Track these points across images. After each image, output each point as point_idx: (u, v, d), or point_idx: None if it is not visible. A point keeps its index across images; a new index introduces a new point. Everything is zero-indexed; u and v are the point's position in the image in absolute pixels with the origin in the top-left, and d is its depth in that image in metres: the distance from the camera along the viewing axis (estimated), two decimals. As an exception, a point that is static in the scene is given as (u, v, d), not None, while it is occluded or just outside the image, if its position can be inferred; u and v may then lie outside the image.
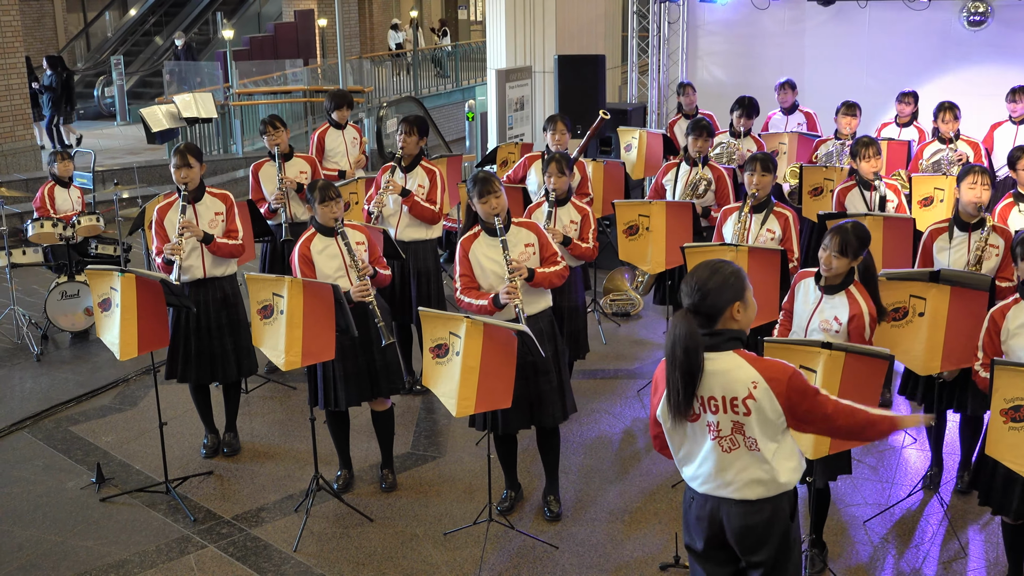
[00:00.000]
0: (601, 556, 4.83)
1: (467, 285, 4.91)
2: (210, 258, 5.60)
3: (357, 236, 5.22)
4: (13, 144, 13.06)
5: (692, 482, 3.29)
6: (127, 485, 5.58)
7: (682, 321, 3.07)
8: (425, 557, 4.85)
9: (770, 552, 3.21)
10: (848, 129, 7.52)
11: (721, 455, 3.17)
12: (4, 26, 12.73)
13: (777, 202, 5.69)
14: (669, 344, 3.09)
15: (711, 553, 3.31)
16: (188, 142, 6.81)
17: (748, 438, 3.14)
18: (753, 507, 3.18)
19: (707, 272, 3.13)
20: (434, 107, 17.89)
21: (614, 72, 11.56)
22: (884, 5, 9.79)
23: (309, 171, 6.91)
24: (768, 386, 3.08)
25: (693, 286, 3.12)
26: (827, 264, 4.36)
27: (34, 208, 7.87)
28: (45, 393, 6.88)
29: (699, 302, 3.10)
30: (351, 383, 5.20)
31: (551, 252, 4.96)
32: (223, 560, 4.85)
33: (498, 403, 4.56)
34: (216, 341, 5.66)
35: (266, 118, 6.89)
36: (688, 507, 3.34)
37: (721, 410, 3.13)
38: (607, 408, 6.48)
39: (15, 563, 4.86)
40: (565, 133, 6.79)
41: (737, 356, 3.12)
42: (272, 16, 23.22)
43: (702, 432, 3.20)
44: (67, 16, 22.99)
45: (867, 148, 6.09)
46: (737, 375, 3.10)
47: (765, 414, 3.10)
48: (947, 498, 5.28)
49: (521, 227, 4.97)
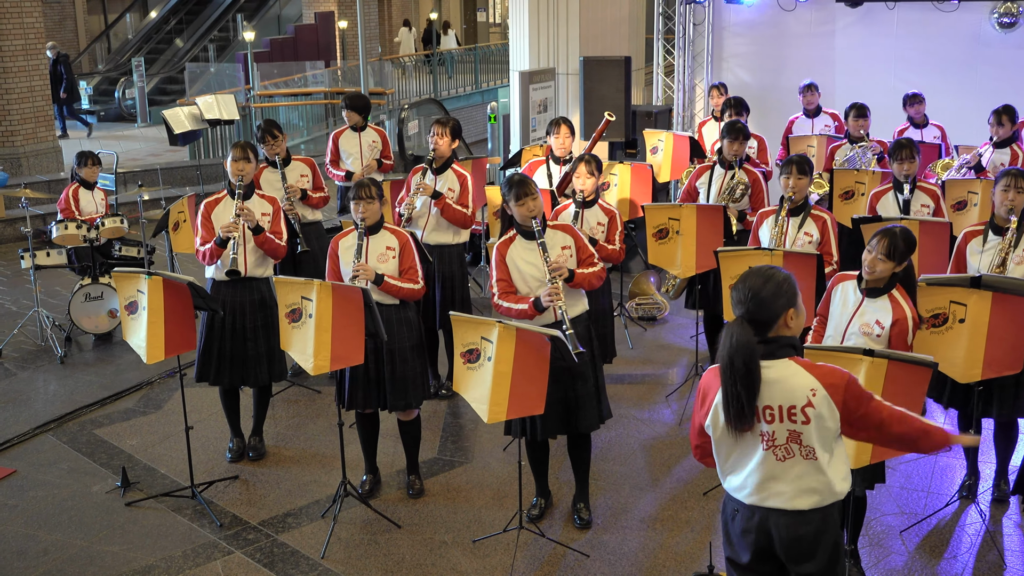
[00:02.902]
0: (633, 565, 4.77)
1: (505, 290, 4.83)
2: (252, 257, 5.58)
3: (390, 240, 5.15)
4: (36, 145, 13.13)
5: (737, 493, 3.22)
6: (152, 489, 5.55)
7: (739, 330, 3.02)
8: (454, 565, 4.80)
9: (821, 562, 3.15)
10: (861, 132, 7.45)
11: (774, 464, 3.11)
12: (27, 28, 12.81)
13: (814, 205, 5.61)
14: (726, 355, 3.02)
15: (757, 567, 3.24)
16: (246, 140, 6.80)
17: (805, 447, 3.08)
18: (804, 517, 3.12)
19: (760, 279, 3.07)
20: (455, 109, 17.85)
21: (638, 74, 11.49)
22: (913, 6, 9.69)
23: (310, 173, 6.81)
24: (827, 393, 3.03)
25: (747, 294, 3.06)
26: (871, 267, 4.28)
27: (59, 210, 7.86)
28: (69, 396, 6.87)
29: (754, 310, 3.05)
30: (358, 387, 5.15)
31: (588, 254, 4.90)
32: (250, 566, 4.81)
33: (531, 409, 4.50)
34: (250, 343, 5.63)
35: (262, 125, 6.79)
36: (731, 520, 3.27)
37: (777, 419, 3.07)
38: (635, 414, 6.40)
39: (41, 568, 4.83)
40: (569, 136, 6.72)
41: (793, 363, 3.07)
42: (292, 18, 23.29)
43: (753, 442, 3.13)
44: (88, 18, 23.14)
45: (900, 151, 6.01)
46: (794, 383, 3.05)
47: (824, 422, 3.05)
48: (986, 508, 5.18)
49: (557, 230, 4.91)
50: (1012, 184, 4.98)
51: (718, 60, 10.76)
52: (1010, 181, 5.00)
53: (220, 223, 5.52)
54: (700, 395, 3.24)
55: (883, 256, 4.24)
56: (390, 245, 5.13)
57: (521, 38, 11.03)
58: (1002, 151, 7.04)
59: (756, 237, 5.63)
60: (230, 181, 5.60)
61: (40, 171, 13.10)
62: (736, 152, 6.44)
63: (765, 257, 5.18)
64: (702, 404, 3.21)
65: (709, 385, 3.18)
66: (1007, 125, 6.98)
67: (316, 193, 6.78)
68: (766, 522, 3.16)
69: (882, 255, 4.24)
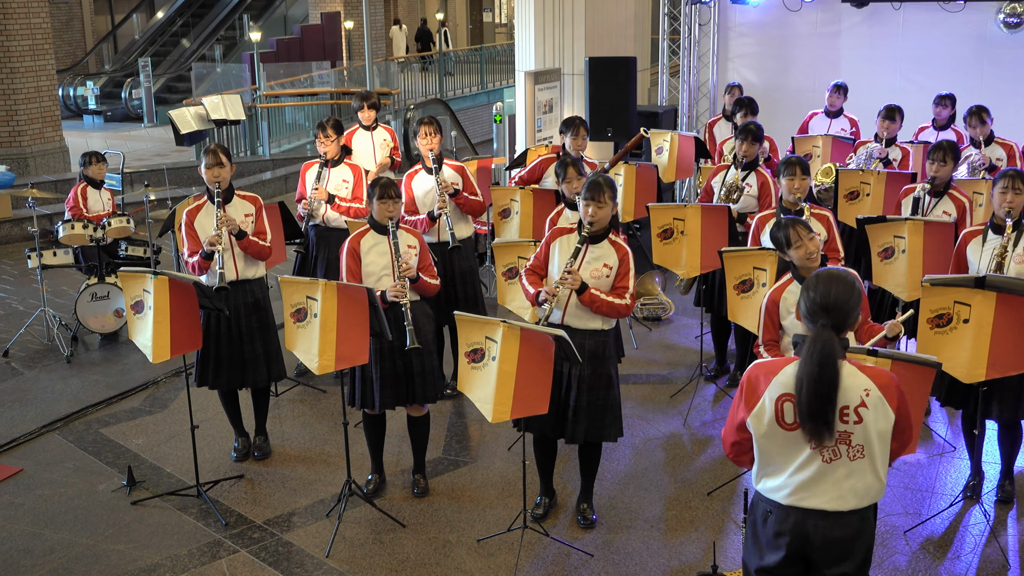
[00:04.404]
0: (637, 565, 4.78)
1: (533, 269, 4.92)
2: (242, 259, 5.59)
3: (410, 240, 5.19)
4: (43, 145, 13.19)
5: (774, 494, 3.17)
6: (158, 488, 5.58)
7: (829, 340, 2.99)
8: (459, 564, 4.81)
9: (855, 563, 3.14)
10: (886, 134, 7.43)
11: (820, 466, 3.08)
12: (35, 29, 12.85)
13: (813, 204, 5.61)
14: (816, 365, 2.97)
15: (783, 570, 3.20)
16: (218, 142, 6.80)
17: (853, 447, 3.06)
18: (844, 519, 3.11)
19: (843, 286, 3.09)
20: (460, 109, 17.88)
21: (644, 74, 11.50)
22: (918, 6, 9.67)
23: (351, 180, 6.70)
24: (881, 393, 3.03)
25: (832, 301, 3.05)
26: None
27: (67, 209, 7.90)
28: (75, 395, 6.90)
29: (843, 320, 3.06)
30: (387, 386, 5.16)
31: (624, 284, 4.77)
32: (255, 565, 4.83)
33: (535, 409, 4.51)
34: (247, 345, 5.64)
35: (323, 121, 6.77)
36: (762, 521, 3.21)
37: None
38: (640, 414, 6.41)
39: (47, 566, 4.86)
40: (585, 137, 6.74)
41: (848, 364, 3.06)
42: (298, 19, 23.35)
43: (799, 442, 3.09)
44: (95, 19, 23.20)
45: (935, 152, 5.94)
46: (850, 383, 3.04)
47: (876, 422, 3.05)
48: (990, 508, 5.19)
49: (612, 246, 4.80)
50: (1010, 185, 4.98)
51: (723, 60, 10.76)
52: (1008, 182, 4.99)
53: (203, 231, 5.51)
54: (746, 390, 3.15)
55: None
56: (411, 244, 5.17)
57: (527, 39, 11.04)
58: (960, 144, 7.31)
59: (757, 239, 5.61)
60: (207, 186, 5.58)
61: (47, 171, 13.15)
62: (747, 153, 6.44)
63: (771, 257, 5.17)
64: (748, 399, 3.14)
65: (759, 380, 3.12)
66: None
67: (355, 203, 6.63)
68: (803, 524, 3.12)
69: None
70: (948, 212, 5.94)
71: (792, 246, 4.39)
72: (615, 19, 10.96)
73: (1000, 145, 7.28)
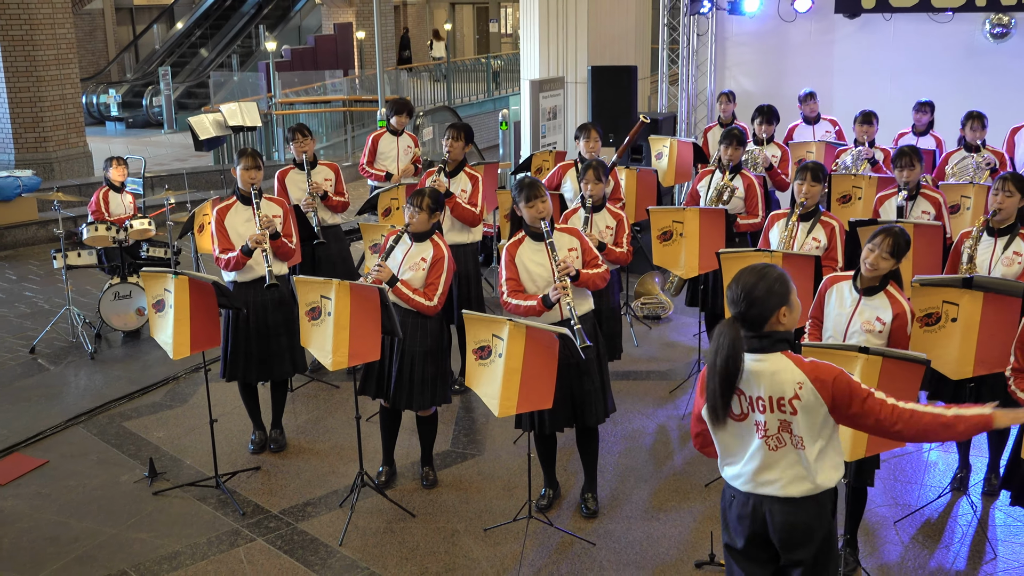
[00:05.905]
0: (638, 553, 4.92)
1: (514, 288, 5.00)
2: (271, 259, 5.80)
3: (426, 252, 5.25)
4: (67, 151, 13.43)
5: (734, 481, 3.32)
6: (178, 479, 5.73)
7: (728, 331, 3.10)
8: (467, 552, 4.96)
9: (812, 550, 3.25)
10: (865, 137, 7.63)
11: (767, 453, 3.22)
12: (59, 39, 13.09)
13: (824, 211, 5.74)
14: (712, 352, 3.13)
15: (751, 552, 3.34)
16: (252, 147, 7.15)
17: (795, 436, 3.18)
18: (797, 505, 3.22)
19: (753, 278, 3.16)
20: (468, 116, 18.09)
21: (644, 83, 11.67)
22: (909, 18, 9.84)
23: (333, 178, 7.08)
24: (813, 387, 3.12)
25: (739, 294, 3.16)
26: (874, 264, 4.42)
27: (89, 212, 8.04)
28: (99, 390, 7.08)
29: (746, 310, 3.15)
30: (384, 381, 5.33)
31: (592, 256, 5.08)
32: (271, 553, 4.98)
33: (539, 404, 4.63)
34: (274, 340, 5.83)
35: (294, 126, 7.10)
36: (728, 506, 3.37)
37: (768, 409, 3.18)
38: (640, 409, 6.59)
39: (72, 554, 5.00)
40: (598, 141, 6.95)
41: (784, 358, 3.17)
42: (312, 29, 23.59)
43: (749, 431, 3.24)
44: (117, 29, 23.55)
45: (900, 158, 6.14)
46: (784, 376, 3.15)
47: (811, 414, 3.15)
48: (977, 500, 5.34)
49: (563, 232, 5.10)
50: (1001, 187, 5.14)
51: (721, 69, 10.92)
52: (1000, 184, 5.16)
53: (234, 229, 5.74)
54: (700, 383, 3.33)
55: (887, 254, 4.39)
56: (425, 256, 5.23)
57: (531, 48, 11.25)
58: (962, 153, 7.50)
59: (767, 239, 5.76)
60: (239, 187, 5.83)
61: (71, 175, 13.35)
62: (732, 157, 6.63)
63: (765, 258, 5.32)
64: (701, 393, 3.31)
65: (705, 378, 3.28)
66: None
67: (337, 197, 7.04)
68: (760, 509, 3.26)
69: (886, 253, 4.39)
70: (927, 211, 6.12)
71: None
72: (616, 29, 11.15)
73: (991, 152, 7.43)
